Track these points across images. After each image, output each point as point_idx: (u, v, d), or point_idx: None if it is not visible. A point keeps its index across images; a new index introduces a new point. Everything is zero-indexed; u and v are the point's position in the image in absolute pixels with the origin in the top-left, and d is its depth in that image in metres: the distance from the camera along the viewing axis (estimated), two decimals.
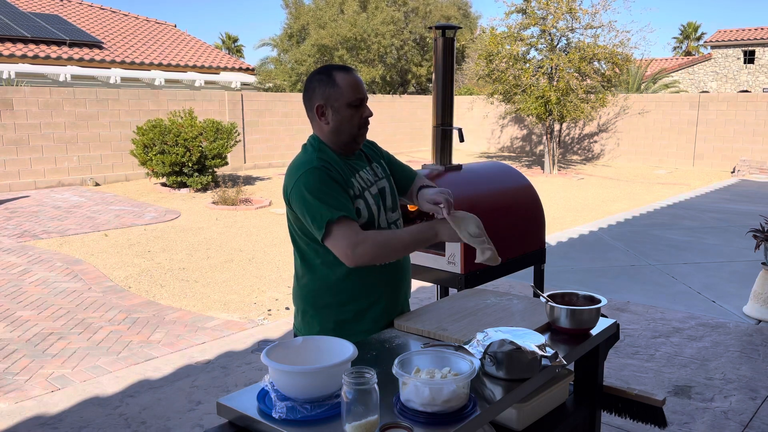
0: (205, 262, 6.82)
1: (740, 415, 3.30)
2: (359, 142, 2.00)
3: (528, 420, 1.90)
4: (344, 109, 1.92)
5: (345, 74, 1.93)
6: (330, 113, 1.94)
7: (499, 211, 3.21)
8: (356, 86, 1.93)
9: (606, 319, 2.06)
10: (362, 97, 1.94)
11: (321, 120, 1.96)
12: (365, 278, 1.97)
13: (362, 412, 1.31)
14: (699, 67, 31.43)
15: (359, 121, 1.95)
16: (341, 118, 1.93)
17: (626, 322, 4.73)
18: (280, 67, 27.53)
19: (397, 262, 2.05)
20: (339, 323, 1.98)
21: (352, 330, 1.97)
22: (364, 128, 1.98)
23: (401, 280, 2.09)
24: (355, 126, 1.95)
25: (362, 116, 1.96)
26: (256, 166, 15.54)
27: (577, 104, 15.01)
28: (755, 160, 15.63)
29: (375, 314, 2.01)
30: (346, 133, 1.95)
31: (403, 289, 2.12)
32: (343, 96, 1.91)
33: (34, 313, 5.11)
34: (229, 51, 45.63)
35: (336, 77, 1.92)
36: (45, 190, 11.55)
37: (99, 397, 3.56)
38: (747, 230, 6.11)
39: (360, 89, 1.94)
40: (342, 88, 1.92)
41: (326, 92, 1.93)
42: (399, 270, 2.07)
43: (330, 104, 1.93)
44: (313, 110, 1.97)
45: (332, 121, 1.94)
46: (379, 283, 2.00)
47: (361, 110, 1.95)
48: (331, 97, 1.92)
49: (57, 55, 14.69)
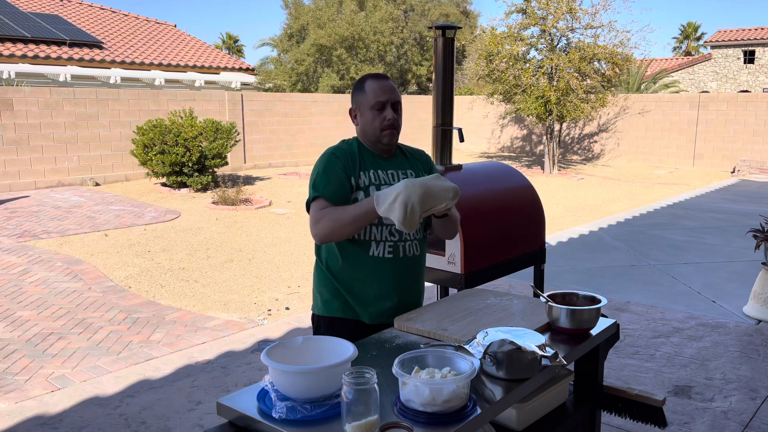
0: (205, 262, 6.82)
1: (740, 415, 3.30)
2: (385, 143, 2.12)
3: (528, 420, 1.90)
4: (368, 111, 2.11)
5: (373, 80, 2.13)
6: (359, 116, 2.15)
7: (499, 211, 3.21)
8: (379, 91, 2.10)
9: (606, 319, 2.06)
10: (383, 101, 2.09)
11: (354, 122, 2.18)
12: (354, 267, 2.11)
13: (362, 412, 1.31)
14: (699, 67, 31.43)
15: (380, 124, 2.10)
16: (365, 120, 2.12)
17: (626, 322, 4.73)
18: (280, 67, 27.52)
19: (387, 262, 2.11)
20: (331, 298, 2.18)
21: (340, 306, 2.15)
22: (387, 130, 2.11)
23: (392, 281, 2.13)
24: (376, 128, 2.10)
25: (384, 119, 2.09)
26: (256, 166, 15.54)
27: (577, 104, 15.01)
28: (755, 160, 15.63)
29: (359, 303, 2.14)
30: (370, 134, 2.12)
31: (399, 290, 2.16)
32: (367, 100, 2.11)
33: (34, 313, 5.11)
34: (229, 51, 45.62)
35: (365, 84, 2.13)
36: (45, 190, 11.55)
37: (99, 397, 3.56)
38: (747, 230, 6.11)
39: (382, 93, 2.10)
40: (367, 93, 2.11)
41: (357, 97, 2.15)
42: (392, 269, 2.12)
43: (358, 108, 2.15)
44: (351, 113, 2.19)
45: (360, 123, 2.15)
46: (366, 276, 2.11)
47: (384, 113, 2.10)
48: (359, 102, 2.14)
49: (57, 55, 14.69)
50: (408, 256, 2.14)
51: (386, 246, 2.10)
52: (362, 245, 2.09)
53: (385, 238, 2.09)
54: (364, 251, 2.09)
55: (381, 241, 2.09)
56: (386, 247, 2.10)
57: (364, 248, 2.09)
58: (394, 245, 2.10)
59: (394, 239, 2.10)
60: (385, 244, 2.09)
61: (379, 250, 2.09)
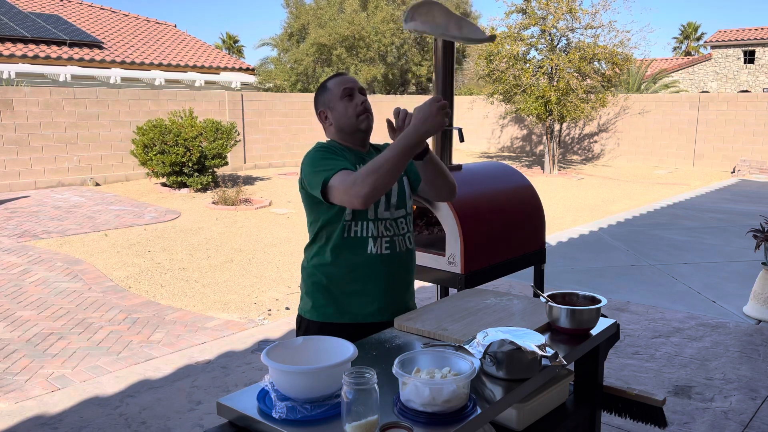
0: (205, 262, 6.82)
1: (740, 415, 3.30)
2: (362, 129, 2.09)
3: (528, 420, 1.90)
4: (338, 103, 2.08)
5: (334, 78, 2.13)
6: (330, 114, 2.11)
7: (499, 211, 3.21)
8: (343, 81, 2.10)
9: (606, 319, 2.06)
10: (350, 87, 2.08)
11: (326, 123, 2.14)
12: (353, 265, 2.06)
13: (362, 412, 1.31)
14: (699, 67, 31.43)
15: (354, 111, 2.08)
16: (338, 113, 2.09)
17: (626, 322, 4.73)
18: (280, 66, 27.53)
19: (385, 258, 2.08)
20: (326, 302, 2.11)
21: (336, 311, 2.10)
22: (363, 115, 2.08)
23: (391, 275, 2.11)
24: (352, 116, 2.08)
25: (356, 105, 2.08)
26: (256, 166, 15.54)
27: (577, 104, 15.01)
28: (755, 160, 15.63)
29: (358, 302, 2.09)
30: (346, 125, 2.09)
31: (398, 285, 2.14)
32: (334, 94, 2.09)
33: (34, 313, 5.11)
34: (229, 51, 45.62)
35: (327, 84, 2.13)
36: (45, 190, 11.55)
37: (99, 397, 3.56)
38: (747, 230, 6.11)
39: (346, 81, 2.09)
40: (331, 89, 2.11)
41: (323, 98, 2.13)
42: (390, 264, 2.10)
43: (327, 106, 2.12)
44: (320, 117, 2.15)
45: (333, 119, 2.11)
46: (366, 274, 2.07)
47: (354, 100, 2.08)
48: (326, 101, 2.12)
49: (57, 55, 14.69)
50: (402, 252, 2.12)
51: (383, 242, 2.06)
52: (360, 243, 2.05)
53: (381, 233, 2.06)
54: (363, 249, 2.05)
55: (378, 237, 2.06)
56: (383, 243, 2.07)
57: (362, 246, 2.05)
58: (390, 240, 2.08)
59: (390, 234, 2.08)
60: (382, 240, 2.06)
61: (377, 247, 2.06)
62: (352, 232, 2.05)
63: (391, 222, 2.09)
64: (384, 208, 2.08)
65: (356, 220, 2.04)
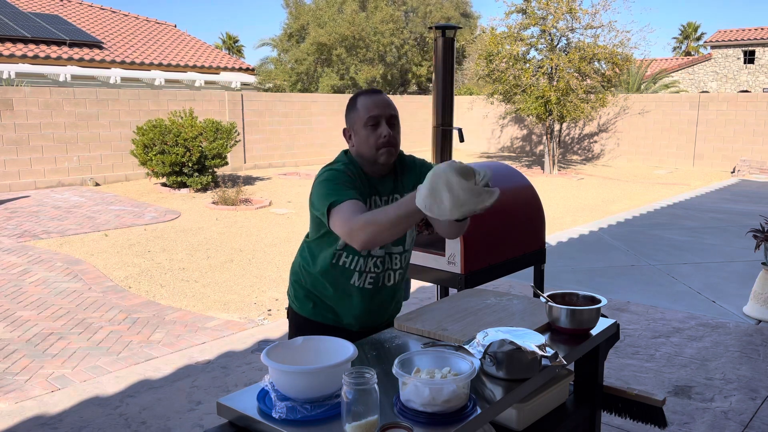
0: (205, 262, 6.82)
1: (740, 415, 3.30)
2: (382, 162, 1.94)
3: (528, 420, 1.90)
4: (361, 130, 1.93)
5: (366, 96, 1.95)
6: (353, 135, 1.97)
7: (499, 211, 3.21)
8: (371, 106, 1.92)
9: (606, 319, 2.06)
10: (376, 115, 1.91)
11: (349, 143, 2.00)
12: (333, 285, 2.05)
13: (362, 412, 1.31)
14: (699, 67, 31.43)
15: (375, 142, 1.91)
16: (359, 139, 1.94)
17: (626, 322, 4.73)
18: (280, 67, 27.53)
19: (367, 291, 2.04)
20: (308, 301, 2.12)
21: (317, 311, 2.11)
22: (384, 149, 1.92)
23: (367, 308, 2.07)
24: (372, 146, 1.92)
25: (379, 136, 1.91)
26: (256, 166, 15.54)
27: (577, 104, 15.01)
28: (755, 160, 15.63)
29: (336, 314, 2.10)
30: (366, 154, 1.95)
31: (372, 314, 2.11)
32: (360, 117, 1.93)
33: (34, 313, 5.11)
34: (229, 51, 45.62)
35: (357, 101, 1.96)
36: (45, 190, 11.55)
37: (99, 397, 3.56)
38: (747, 230, 6.11)
39: (374, 108, 1.91)
40: (359, 110, 1.94)
41: (350, 116, 1.98)
42: (371, 298, 2.06)
43: (352, 127, 1.97)
44: (345, 135, 2.02)
45: (355, 143, 1.97)
46: (344, 297, 2.06)
47: (378, 130, 1.91)
48: (352, 120, 1.96)
49: (57, 55, 14.69)
50: (387, 286, 2.07)
51: (368, 277, 2.02)
52: (345, 272, 2.01)
53: (369, 269, 2.01)
54: (346, 279, 2.02)
55: (365, 272, 2.01)
56: (368, 279, 2.02)
57: (346, 276, 2.01)
58: (376, 276, 2.03)
59: (378, 271, 2.02)
60: (367, 275, 2.01)
61: (361, 281, 2.01)
62: (341, 261, 2.00)
63: (384, 258, 2.03)
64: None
65: (347, 252, 2.00)
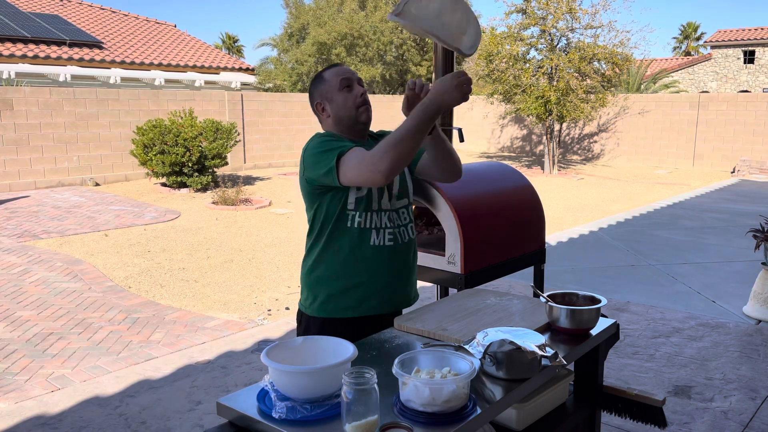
0: (205, 262, 6.82)
1: (740, 415, 3.30)
2: (362, 121, 2.06)
3: (528, 420, 1.90)
4: (336, 95, 2.05)
5: (331, 68, 2.09)
6: (327, 105, 2.07)
7: (499, 211, 3.21)
8: (341, 72, 2.06)
9: (606, 319, 2.06)
10: (349, 77, 2.05)
11: (323, 115, 2.10)
12: (356, 257, 2.05)
13: (362, 412, 1.31)
14: (699, 67, 31.43)
15: (354, 102, 2.04)
16: (336, 104, 2.05)
17: (626, 322, 4.73)
18: (280, 67, 27.54)
19: (387, 250, 2.06)
20: (329, 297, 2.09)
21: (338, 305, 2.08)
22: (363, 107, 2.06)
23: (394, 268, 2.10)
24: (351, 107, 2.04)
25: (356, 96, 2.04)
26: (256, 166, 15.54)
27: (577, 104, 15.01)
28: (755, 160, 15.63)
29: (361, 294, 2.07)
30: (346, 117, 2.05)
31: (400, 277, 2.13)
32: (332, 85, 2.05)
33: (34, 313, 5.11)
34: (229, 51, 45.62)
35: (324, 74, 2.09)
36: (45, 190, 11.55)
37: (99, 397, 3.56)
38: (747, 230, 6.11)
39: (345, 72, 2.05)
40: (329, 80, 2.06)
41: (319, 89, 2.08)
42: (393, 257, 2.09)
43: (325, 97, 2.07)
44: (317, 109, 2.11)
45: (331, 111, 2.07)
46: (369, 266, 2.06)
47: (354, 91, 2.05)
48: (323, 92, 2.07)
49: (57, 55, 14.69)
50: (405, 241, 2.12)
51: (386, 234, 2.05)
52: (363, 236, 2.04)
53: (384, 225, 2.05)
54: (366, 242, 2.04)
55: (381, 229, 2.05)
56: (386, 235, 2.05)
57: (366, 239, 2.04)
58: (393, 233, 2.07)
59: (392, 226, 2.07)
60: (385, 231, 2.05)
61: (380, 239, 2.05)
62: (356, 223, 2.02)
63: (393, 213, 2.09)
64: (386, 198, 2.07)
65: (359, 211, 2.02)
